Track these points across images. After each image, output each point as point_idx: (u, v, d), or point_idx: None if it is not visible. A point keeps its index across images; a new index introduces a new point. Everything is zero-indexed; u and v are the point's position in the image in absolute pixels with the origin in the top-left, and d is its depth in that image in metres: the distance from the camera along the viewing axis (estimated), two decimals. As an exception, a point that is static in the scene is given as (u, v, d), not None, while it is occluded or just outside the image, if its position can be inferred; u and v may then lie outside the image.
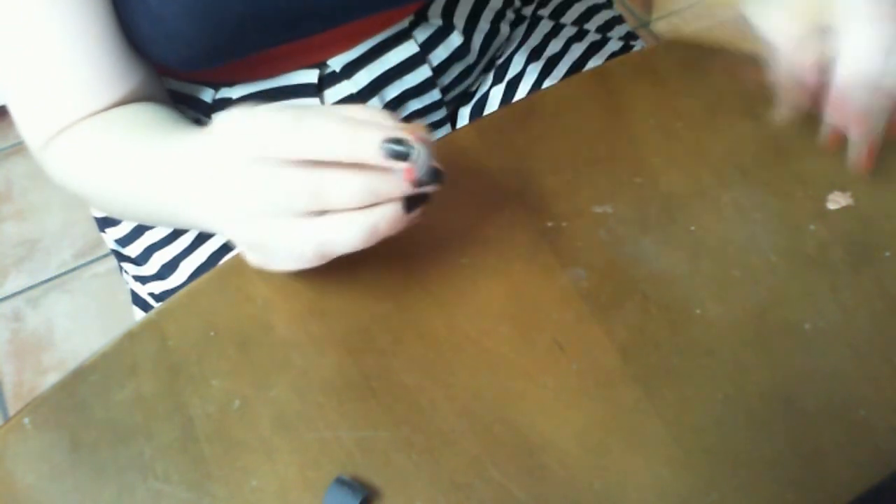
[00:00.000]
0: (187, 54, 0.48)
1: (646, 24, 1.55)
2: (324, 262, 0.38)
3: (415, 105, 0.59)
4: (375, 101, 0.57)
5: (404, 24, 0.56)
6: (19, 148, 1.42)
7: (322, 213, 0.35)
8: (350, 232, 0.35)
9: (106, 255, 1.33)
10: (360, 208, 0.35)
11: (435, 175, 0.35)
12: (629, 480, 0.38)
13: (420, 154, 0.34)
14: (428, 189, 0.36)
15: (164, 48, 0.47)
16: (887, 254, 0.44)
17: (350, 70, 0.55)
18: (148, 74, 0.50)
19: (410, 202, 0.36)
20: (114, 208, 0.51)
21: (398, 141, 0.34)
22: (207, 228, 0.44)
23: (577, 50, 0.64)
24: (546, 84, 0.63)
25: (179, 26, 0.45)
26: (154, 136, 0.46)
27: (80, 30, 0.45)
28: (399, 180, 0.35)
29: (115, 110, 0.48)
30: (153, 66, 0.51)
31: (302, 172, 0.35)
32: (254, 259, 0.40)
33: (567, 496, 0.38)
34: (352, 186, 0.34)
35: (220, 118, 0.38)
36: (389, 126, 0.35)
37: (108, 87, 0.47)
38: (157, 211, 0.46)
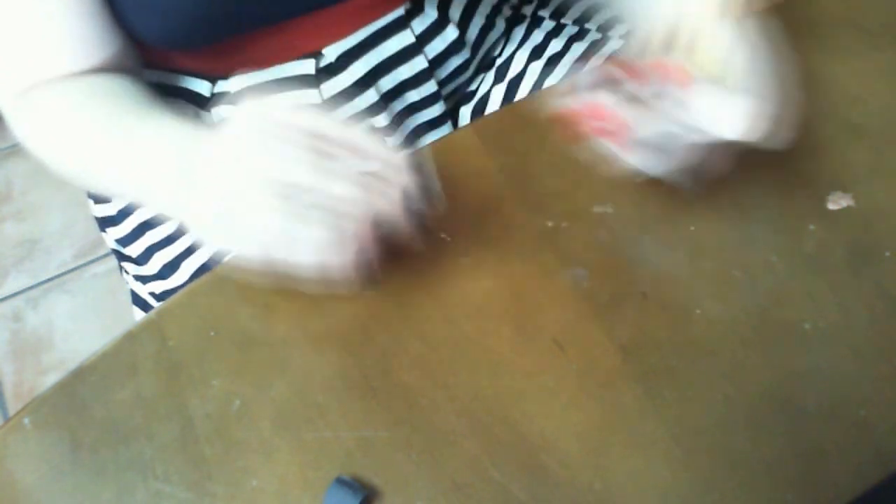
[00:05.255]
0: (173, 27, 0.47)
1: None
2: (270, 257, 0.39)
3: (413, 97, 0.59)
4: (372, 93, 0.57)
5: (400, 12, 0.55)
6: (19, 148, 1.42)
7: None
8: (317, 227, 0.37)
9: (106, 255, 1.33)
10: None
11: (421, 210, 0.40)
12: (629, 480, 0.38)
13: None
14: (407, 216, 0.39)
15: (148, 19, 0.47)
16: (887, 254, 0.44)
17: (345, 60, 0.55)
18: (125, 45, 0.50)
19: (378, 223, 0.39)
20: (77, 178, 0.50)
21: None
22: (168, 206, 0.44)
23: (578, 49, 0.64)
24: (547, 83, 0.63)
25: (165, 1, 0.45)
26: (129, 113, 0.46)
27: None
28: (393, 184, 0.38)
29: (91, 78, 0.48)
30: (134, 40, 0.51)
31: (311, 147, 0.37)
32: (211, 235, 0.42)
33: (567, 496, 0.38)
34: (351, 172, 0.37)
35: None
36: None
37: (84, 48, 0.47)
38: (122, 184, 0.47)
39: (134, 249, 0.61)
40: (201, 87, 0.57)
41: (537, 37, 0.65)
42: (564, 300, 0.43)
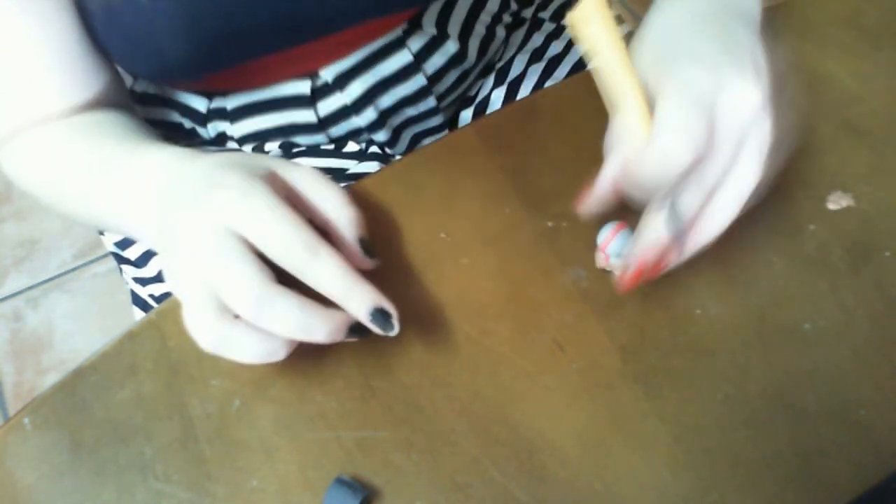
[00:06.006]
0: (168, 65, 0.47)
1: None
2: (222, 345, 0.36)
3: (410, 112, 0.59)
4: (370, 111, 0.56)
5: (398, 32, 0.55)
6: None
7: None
8: (292, 309, 0.35)
9: (106, 255, 1.33)
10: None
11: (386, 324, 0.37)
12: (629, 480, 0.38)
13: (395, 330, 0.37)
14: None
15: (143, 60, 0.47)
16: (887, 254, 0.44)
17: (343, 81, 0.55)
18: (112, 80, 0.50)
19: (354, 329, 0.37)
20: (59, 209, 0.50)
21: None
22: (144, 237, 0.43)
23: (578, 50, 0.64)
24: (547, 85, 0.63)
25: (160, 41, 0.45)
26: (113, 144, 0.46)
27: (43, 32, 0.44)
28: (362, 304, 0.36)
29: (76, 116, 0.48)
30: (118, 73, 0.51)
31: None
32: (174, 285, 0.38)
33: (567, 496, 0.38)
34: (336, 271, 0.36)
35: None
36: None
37: (69, 89, 0.47)
38: (97, 215, 0.46)
39: (132, 252, 0.61)
40: (198, 103, 0.57)
41: (537, 40, 0.65)
42: (564, 300, 0.43)
